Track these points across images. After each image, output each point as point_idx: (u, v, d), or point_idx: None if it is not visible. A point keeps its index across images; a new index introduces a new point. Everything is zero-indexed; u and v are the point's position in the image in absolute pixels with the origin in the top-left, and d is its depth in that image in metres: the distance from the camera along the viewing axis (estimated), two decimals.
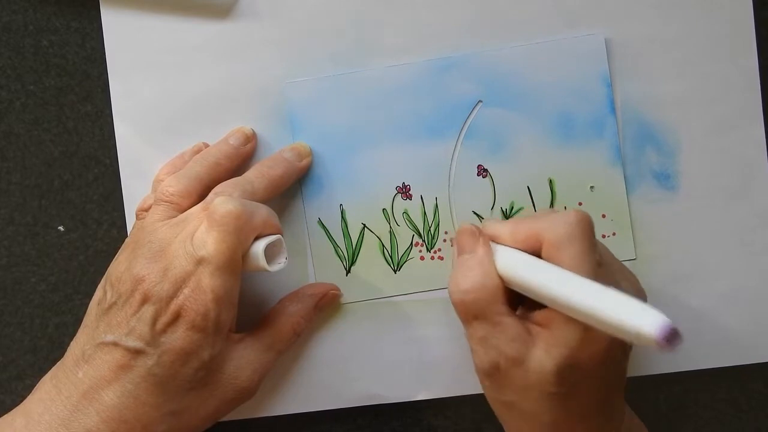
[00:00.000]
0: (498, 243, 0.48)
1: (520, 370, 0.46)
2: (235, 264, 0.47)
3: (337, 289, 0.55)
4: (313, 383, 0.55)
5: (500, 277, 0.47)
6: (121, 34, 0.55)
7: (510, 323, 0.46)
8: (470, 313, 0.47)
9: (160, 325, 0.47)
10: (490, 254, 0.48)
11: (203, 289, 0.47)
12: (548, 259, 0.46)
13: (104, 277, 0.50)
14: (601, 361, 0.45)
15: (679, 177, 0.55)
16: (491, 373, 0.47)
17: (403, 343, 0.55)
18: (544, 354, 0.45)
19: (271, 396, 0.55)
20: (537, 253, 0.47)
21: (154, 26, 0.55)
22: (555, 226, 0.46)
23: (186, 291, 0.47)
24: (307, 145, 0.55)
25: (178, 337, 0.47)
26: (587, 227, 0.46)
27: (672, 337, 0.39)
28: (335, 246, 0.55)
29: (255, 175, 0.52)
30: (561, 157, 0.55)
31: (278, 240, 0.49)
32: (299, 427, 0.56)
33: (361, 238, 0.55)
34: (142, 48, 0.55)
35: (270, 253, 0.49)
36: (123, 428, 0.47)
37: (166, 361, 0.47)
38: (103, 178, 0.56)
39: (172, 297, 0.47)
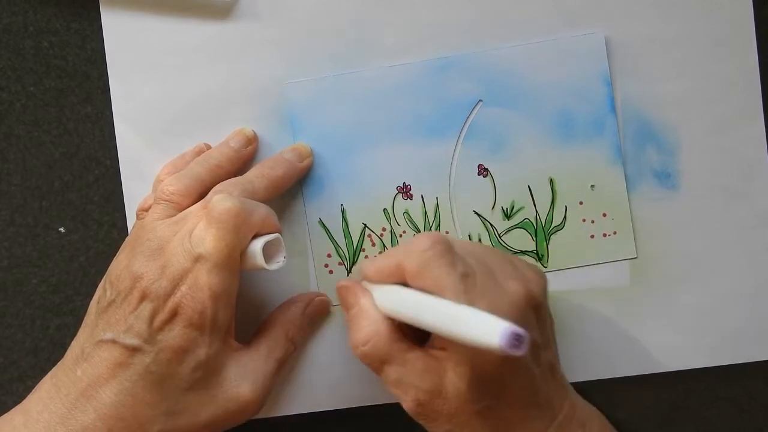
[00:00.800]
0: (372, 283, 0.49)
1: (441, 400, 0.46)
2: (233, 262, 0.47)
3: (325, 296, 0.55)
4: (315, 384, 0.55)
5: (388, 317, 0.47)
6: (121, 35, 0.55)
7: (415, 357, 0.47)
8: (376, 361, 0.47)
9: (157, 322, 0.47)
10: (371, 300, 0.48)
11: (201, 287, 0.47)
12: (414, 287, 0.46)
13: (105, 275, 0.50)
14: (507, 363, 0.45)
15: (680, 176, 0.55)
16: (418, 411, 0.47)
17: None
18: (454, 375, 0.46)
19: (273, 397, 0.55)
20: (406, 284, 0.47)
21: (155, 27, 0.55)
22: (410, 256, 0.46)
23: (183, 288, 0.47)
24: (308, 146, 0.55)
25: (175, 335, 0.47)
26: (441, 248, 0.46)
27: (515, 341, 0.39)
28: (336, 246, 0.55)
29: (255, 175, 0.52)
30: (561, 157, 0.55)
31: (277, 239, 0.49)
32: (300, 428, 0.56)
33: (362, 238, 0.55)
34: (143, 49, 0.55)
35: (269, 252, 0.49)
36: (120, 425, 0.47)
37: (163, 359, 0.47)
38: (103, 179, 0.56)
39: (169, 294, 0.47)
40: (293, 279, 0.55)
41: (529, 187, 0.55)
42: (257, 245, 0.48)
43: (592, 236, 0.55)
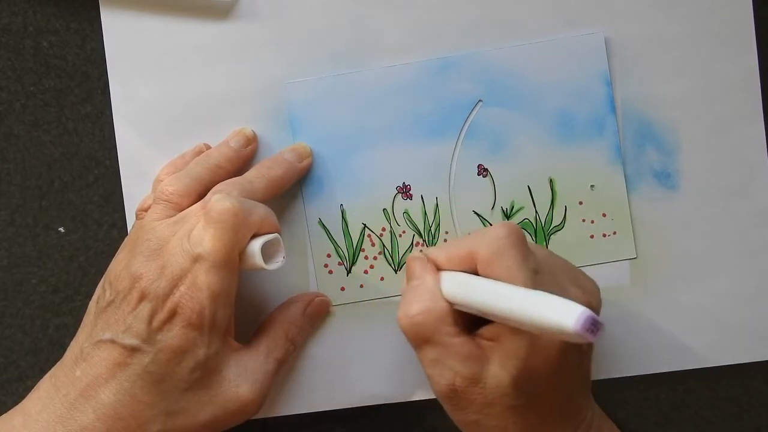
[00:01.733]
0: (441, 269, 0.49)
1: (478, 388, 0.46)
2: (232, 261, 0.47)
3: (324, 296, 0.55)
4: (314, 384, 0.55)
5: (447, 301, 0.47)
6: (121, 35, 0.55)
7: (460, 343, 0.46)
8: (420, 337, 0.47)
9: (156, 322, 0.47)
10: (437, 280, 0.48)
11: (199, 287, 0.47)
12: (484, 275, 0.46)
13: (104, 275, 0.50)
14: (556, 366, 0.45)
15: (680, 176, 0.55)
16: (449, 396, 0.47)
17: (403, 343, 0.55)
18: (499, 368, 0.45)
19: (272, 397, 0.55)
20: (475, 272, 0.47)
21: (154, 27, 0.55)
22: (485, 243, 0.46)
23: (182, 288, 0.47)
24: (308, 146, 0.55)
25: (174, 335, 0.47)
26: (516, 238, 0.46)
27: (591, 326, 0.39)
28: (336, 246, 0.55)
29: (255, 176, 0.52)
30: (561, 157, 0.55)
31: (276, 239, 0.49)
32: (300, 428, 0.56)
33: (361, 238, 0.55)
34: (142, 49, 0.55)
35: (268, 252, 0.49)
36: (118, 425, 0.47)
37: (162, 359, 0.47)
38: (103, 179, 0.56)
39: (168, 294, 0.47)
40: (293, 279, 0.55)
41: (528, 187, 0.55)
42: (256, 245, 0.48)
43: (592, 236, 0.55)
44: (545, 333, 0.42)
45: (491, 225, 0.55)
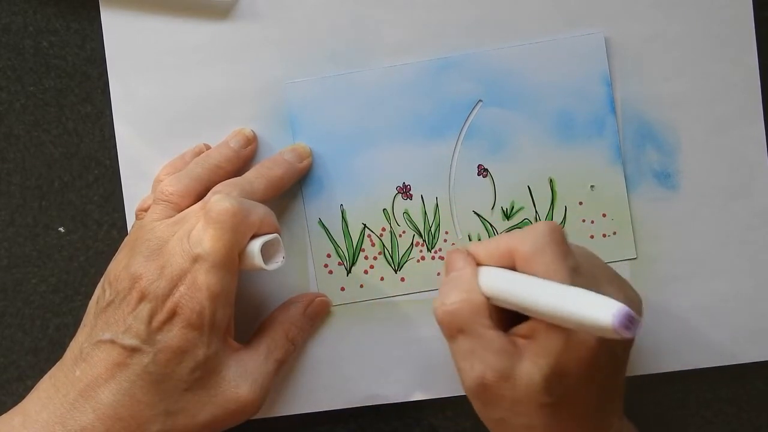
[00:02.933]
0: (479, 264, 0.49)
1: (509, 384, 0.46)
2: (232, 262, 0.47)
3: (325, 296, 0.55)
4: (314, 384, 0.55)
5: (485, 296, 0.47)
6: (121, 35, 0.55)
7: (494, 336, 0.46)
8: (454, 327, 0.47)
9: (156, 323, 0.47)
10: (475, 273, 0.48)
11: (199, 287, 0.47)
12: (523, 272, 0.46)
13: (103, 275, 0.50)
14: (589, 366, 0.45)
15: (680, 176, 0.55)
16: (479, 390, 0.47)
17: (403, 343, 0.55)
18: (531, 365, 0.45)
19: (272, 397, 0.55)
20: (513, 269, 0.47)
21: (154, 27, 0.55)
22: (525, 239, 0.46)
23: (182, 289, 0.47)
24: (308, 147, 0.55)
25: (173, 336, 0.47)
26: (557, 237, 0.46)
27: (628, 323, 0.39)
28: (336, 246, 0.55)
29: (254, 176, 0.52)
30: (561, 157, 0.55)
31: (275, 239, 0.49)
32: (300, 428, 0.56)
33: (361, 238, 0.55)
34: (142, 49, 0.55)
35: (267, 252, 0.49)
36: (118, 426, 0.47)
37: (162, 359, 0.47)
38: (103, 179, 0.56)
39: (168, 295, 0.47)
40: (293, 279, 0.55)
41: (528, 187, 0.55)
42: (256, 245, 0.48)
43: (592, 236, 0.55)
44: (583, 329, 0.42)
45: (489, 223, 0.55)
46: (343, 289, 0.55)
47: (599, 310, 0.40)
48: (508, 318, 0.47)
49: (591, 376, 0.46)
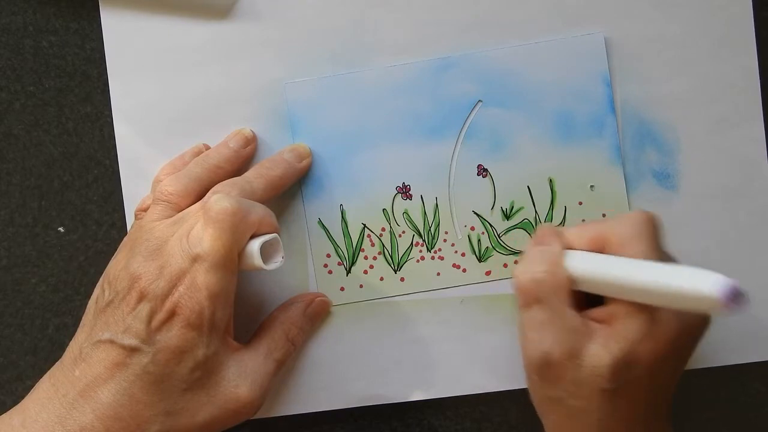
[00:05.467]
0: (568, 247, 0.49)
1: (573, 364, 0.46)
2: (231, 261, 0.47)
3: (325, 296, 0.55)
4: (314, 384, 0.55)
5: (569, 277, 0.47)
6: (121, 34, 0.55)
7: (570, 314, 0.46)
8: (533, 296, 0.47)
9: (155, 323, 0.47)
10: (562, 251, 0.48)
11: (198, 287, 0.47)
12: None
13: (102, 275, 0.50)
14: (660, 359, 0.45)
15: (679, 176, 0.55)
16: (542, 364, 0.47)
17: (403, 343, 0.55)
18: (601, 348, 0.45)
19: (272, 397, 0.55)
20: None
21: (154, 27, 0.55)
22: (620, 226, 0.47)
23: (181, 289, 0.47)
24: (307, 146, 0.55)
25: (173, 335, 0.47)
26: (653, 225, 0.47)
27: (735, 297, 0.39)
28: (335, 246, 0.55)
29: (254, 176, 0.52)
30: (561, 157, 0.55)
31: (275, 239, 0.49)
32: (299, 428, 0.56)
33: (361, 239, 0.55)
34: (142, 48, 0.55)
35: (267, 252, 0.49)
36: (117, 426, 0.46)
37: (161, 359, 0.47)
38: (103, 178, 0.56)
39: (167, 295, 0.47)
40: (292, 279, 0.55)
41: (528, 187, 0.55)
42: (255, 245, 0.48)
43: None
44: (684, 305, 0.41)
45: (489, 223, 0.55)
46: (342, 289, 0.55)
47: (705, 284, 0.40)
48: (582, 305, 0.47)
49: (659, 368, 0.46)
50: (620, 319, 0.45)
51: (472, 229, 0.55)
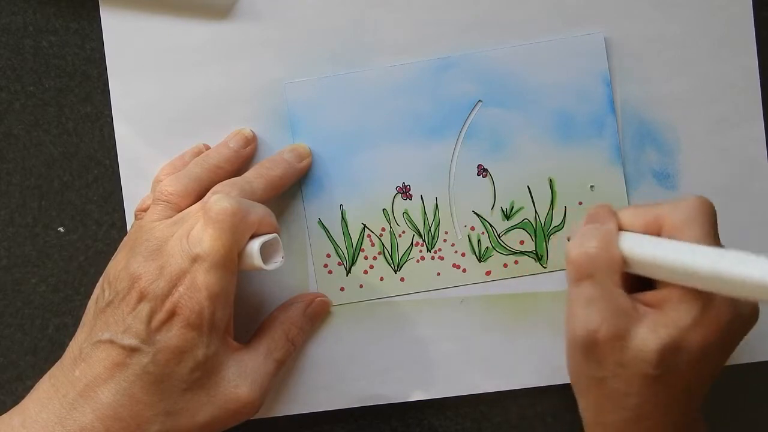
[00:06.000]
0: (621, 228, 0.48)
1: (619, 345, 0.45)
2: (231, 261, 0.47)
3: (325, 296, 0.55)
4: (314, 384, 0.55)
5: (622, 257, 0.46)
6: (121, 34, 0.55)
7: (620, 294, 0.46)
8: (585, 272, 0.46)
9: (155, 323, 0.47)
10: (617, 231, 0.47)
11: (198, 287, 0.47)
12: None
13: (102, 275, 0.50)
14: (708, 347, 0.45)
15: (679, 176, 0.55)
16: (587, 342, 0.46)
17: (403, 343, 0.55)
18: (650, 332, 0.45)
19: (272, 396, 0.55)
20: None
21: (154, 27, 0.55)
22: (676, 210, 0.46)
23: (181, 289, 0.47)
24: (307, 147, 0.55)
25: (173, 336, 0.47)
26: (709, 212, 0.46)
27: None
28: (335, 246, 0.55)
29: (254, 176, 0.52)
30: (561, 157, 0.55)
31: (275, 239, 0.49)
32: (300, 428, 0.56)
33: (361, 238, 0.55)
34: (142, 48, 0.55)
35: (266, 252, 0.49)
36: (117, 426, 0.46)
37: (161, 359, 0.47)
38: (103, 179, 0.56)
39: (167, 295, 0.47)
40: (292, 279, 0.55)
41: (528, 187, 0.55)
42: (255, 245, 0.48)
43: None
44: (742, 291, 0.41)
45: (489, 223, 0.55)
46: (342, 289, 0.55)
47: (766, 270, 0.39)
48: (632, 288, 0.47)
49: (705, 358, 0.45)
50: (672, 304, 0.45)
51: (472, 229, 0.55)
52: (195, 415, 0.48)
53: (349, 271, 0.55)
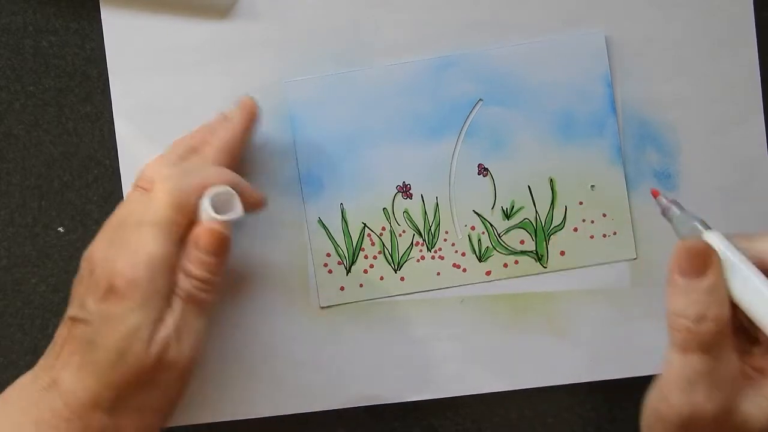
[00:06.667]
0: (740, 255, 0.42)
1: (722, 418, 0.41)
2: (170, 229, 0.47)
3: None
4: (314, 383, 0.55)
5: (732, 304, 0.41)
6: (121, 34, 0.55)
7: (730, 361, 0.41)
8: (694, 344, 0.41)
9: (98, 295, 0.46)
10: (723, 280, 0.42)
11: (139, 256, 0.46)
12: None
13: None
14: None
15: (680, 176, 0.55)
16: (685, 422, 0.41)
17: (403, 343, 0.55)
18: (754, 407, 0.41)
19: (272, 396, 0.55)
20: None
21: (154, 26, 0.55)
22: None
23: (123, 259, 0.46)
24: (254, 99, 0.52)
25: (113, 307, 0.45)
26: None
27: None
28: (335, 245, 0.55)
29: (198, 141, 0.51)
30: (561, 156, 0.55)
31: (226, 191, 0.48)
32: (299, 428, 0.56)
33: (361, 238, 0.55)
34: (143, 48, 0.55)
35: (224, 207, 0.48)
36: (77, 405, 0.46)
37: (106, 331, 0.46)
38: (103, 179, 0.56)
39: (112, 267, 0.46)
40: (292, 279, 0.55)
41: (529, 187, 0.55)
42: (205, 199, 0.47)
43: (592, 237, 0.55)
44: None
45: (489, 223, 0.55)
46: (342, 288, 0.55)
47: None
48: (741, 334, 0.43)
49: None
50: None
51: (473, 228, 0.55)
52: (147, 397, 0.47)
53: (349, 271, 0.55)
